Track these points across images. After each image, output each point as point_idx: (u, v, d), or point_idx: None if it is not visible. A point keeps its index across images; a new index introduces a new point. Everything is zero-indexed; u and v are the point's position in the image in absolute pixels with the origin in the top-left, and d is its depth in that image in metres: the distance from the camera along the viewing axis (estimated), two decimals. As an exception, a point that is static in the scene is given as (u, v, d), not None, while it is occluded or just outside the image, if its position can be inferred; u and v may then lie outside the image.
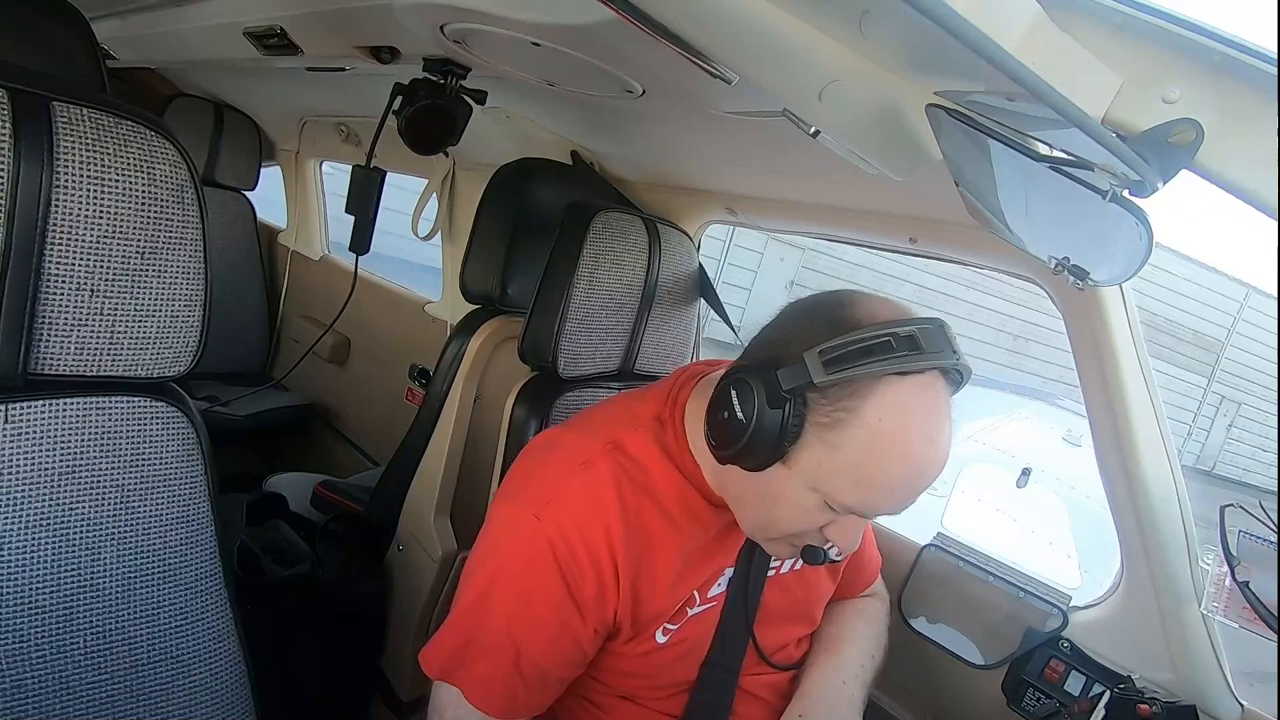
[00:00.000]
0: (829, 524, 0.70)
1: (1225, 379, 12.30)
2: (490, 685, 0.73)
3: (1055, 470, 3.07)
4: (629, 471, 0.77)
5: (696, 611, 0.81)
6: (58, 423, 0.65)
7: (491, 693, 0.73)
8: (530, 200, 1.32)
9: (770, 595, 0.85)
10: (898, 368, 0.63)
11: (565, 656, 0.75)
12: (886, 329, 0.64)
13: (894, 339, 0.63)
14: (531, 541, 0.72)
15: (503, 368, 1.30)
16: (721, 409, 0.70)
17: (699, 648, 0.82)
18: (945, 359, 0.64)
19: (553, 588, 0.72)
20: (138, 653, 0.70)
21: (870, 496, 0.67)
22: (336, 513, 1.48)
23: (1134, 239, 0.53)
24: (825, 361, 0.64)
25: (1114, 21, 0.52)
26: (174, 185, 0.65)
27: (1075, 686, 1.01)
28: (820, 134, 0.69)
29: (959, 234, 1.03)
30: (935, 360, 0.64)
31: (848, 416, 0.64)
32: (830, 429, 0.65)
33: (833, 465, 0.66)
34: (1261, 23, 0.51)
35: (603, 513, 0.73)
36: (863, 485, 0.66)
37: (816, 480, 0.67)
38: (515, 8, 0.78)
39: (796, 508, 0.69)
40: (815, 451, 0.66)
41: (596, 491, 0.74)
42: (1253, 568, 0.81)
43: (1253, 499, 0.83)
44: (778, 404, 0.66)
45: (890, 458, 0.65)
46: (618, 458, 0.77)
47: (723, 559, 0.82)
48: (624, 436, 0.78)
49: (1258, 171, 0.49)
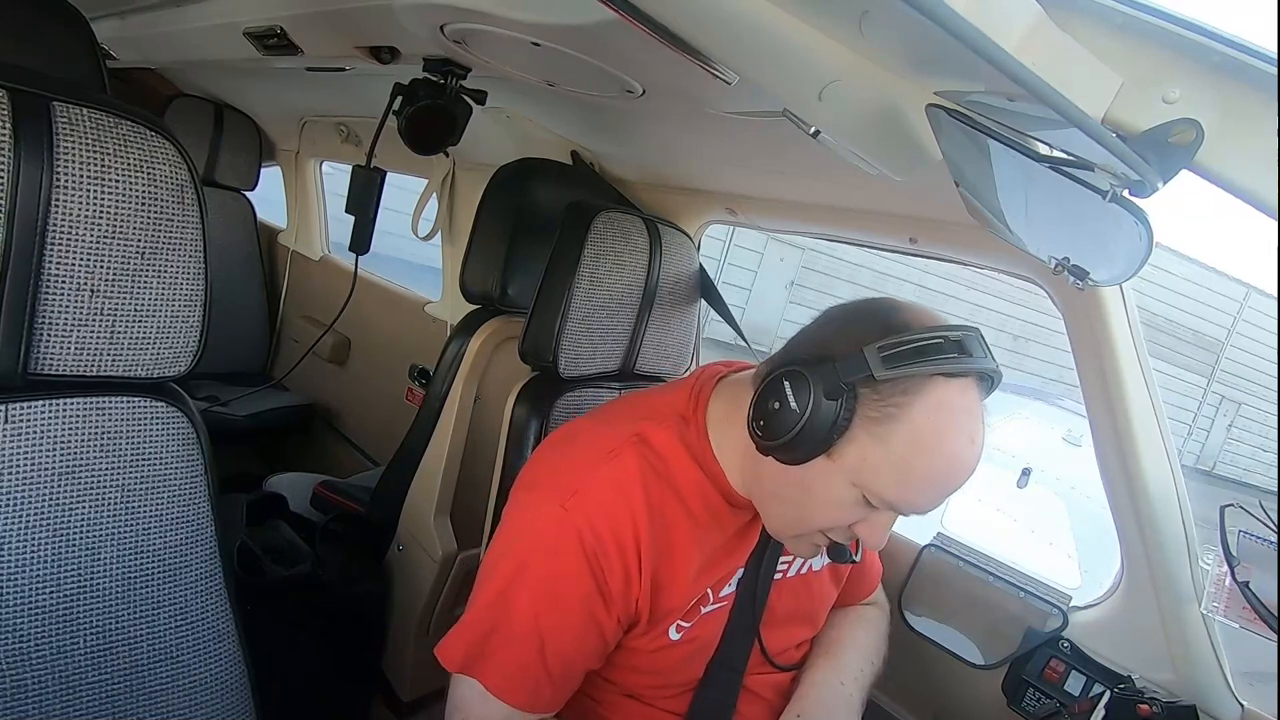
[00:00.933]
0: (859, 521, 0.72)
1: (1225, 379, 12.30)
2: (514, 676, 0.73)
3: (1055, 470, 3.08)
4: (653, 464, 0.77)
5: (709, 610, 0.81)
6: (58, 423, 0.65)
7: (515, 683, 0.73)
8: (530, 200, 1.32)
9: (776, 598, 0.86)
10: (948, 369, 0.66)
11: (590, 648, 0.75)
12: (938, 333, 0.67)
13: (945, 341, 0.67)
14: (559, 532, 0.73)
15: (503, 368, 1.30)
16: (772, 399, 0.71)
17: (707, 647, 0.82)
18: (987, 364, 0.68)
19: (581, 579, 0.73)
20: (138, 653, 0.70)
21: (910, 492, 0.69)
22: (336, 513, 1.48)
23: (1134, 239, 0.53)
24: (884, 357, 0.66)
25: (1114, 21, 0.52)
26: (174, 185, 0.65)
27: (1075, 686, 1.01)
28: (820, 134, 0.69)
29: (959, 234, 1.03)
30: (979, 364, 0.67)
31: (898, 412, 0.66)
32: (879, 423, 0.67)
33: (878, 459, 0.68)
34: (1261, 23, 0.51)
35: (629, 502, 0.74)
36: (906, 481, 0.68)
37: (860, 474, 0.69)
38: (515, 8, 0.78)
39: (834, 503, 0.71)
40: (862, 446, 0.68)
41: (622, 481, 0.75)
42: (1253, 568, 0.81)
43: (1253, 499, 0.83)
44: (834, 395, 0.68)
45: (935, 455, 0.67)
46: (642, 449, 0.78)
47: (736, 560, 0.82)
48: (648, 430, 0.79)
49: (1258, 171, 0.49)
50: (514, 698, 0.73)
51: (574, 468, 0.77)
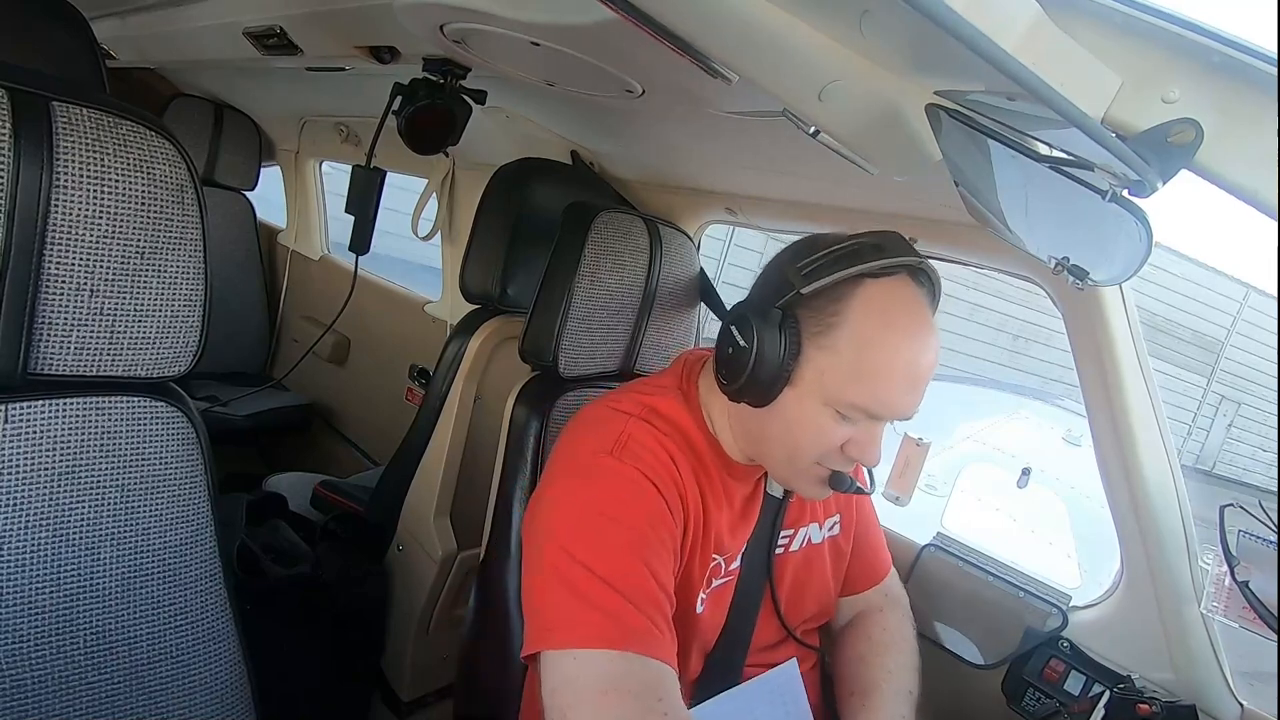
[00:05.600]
0: (848, 441, 0.74)
1: (1225, 379, 12.29)
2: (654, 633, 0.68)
3: (1055, 470, 3.08)
4: (668, 433, 0.80)
5: (719, 583, 0.83)
6: (58, 423, 0.65)
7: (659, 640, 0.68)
8: (530, 200, 1.32)
9: (780, 572, 0.88)
10: (870, 269, 0.71)
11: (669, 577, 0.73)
12: (853, 240, 0.73)
13: (862, 247, 0.72)
14: (621, 476, 0.74)
15: (503, 368, 1.30)
16: (726, 346, 0.76)
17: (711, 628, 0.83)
18: (909, 259, 0.73)
19: (655, 506, 0.74)
20: (138, 653, 0.70)
21: (874, 390, 0.72)
22: (336, 513, 1.47)
23: (1134, 239, 0.53)
24: (805, 274, 0.72)
25: (1114, 21, 0.52)
26: (174, 185, 0.65)
27: (1075, 686, 1.01)
28: (820, 134, 0.69)
29: (959, 234, 1.03)
30: (900, 259, 0.72)
31: (836, 320, 0.72)
32: (824, 335, 0.72)
33: (833, 369, 0.72)
34: (1261, 23, 0.51)
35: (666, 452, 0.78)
36: (862, 377, 0.71)
37: (824, 389, 0.73)
38: (515, 8, 0.78)
39: (813, 426, 0.74)
40: (816, 363, 0.73)
41: (654, 441, 0.78)
42: (1253, 568, 0.82)
43: (1253, 499, 0.83)
44: (773, 322, 0.73)
45: (882, 348, 0.72)
46: (655, 419, 0.81)
47: (742, 534, 0.85)
48: (656, 403, 0.83)
49: (1257, 171, 0.49)
50: (665, 650, 0.68)
51: (606, 432, 0.78)
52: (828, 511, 0.94)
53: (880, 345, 0.71)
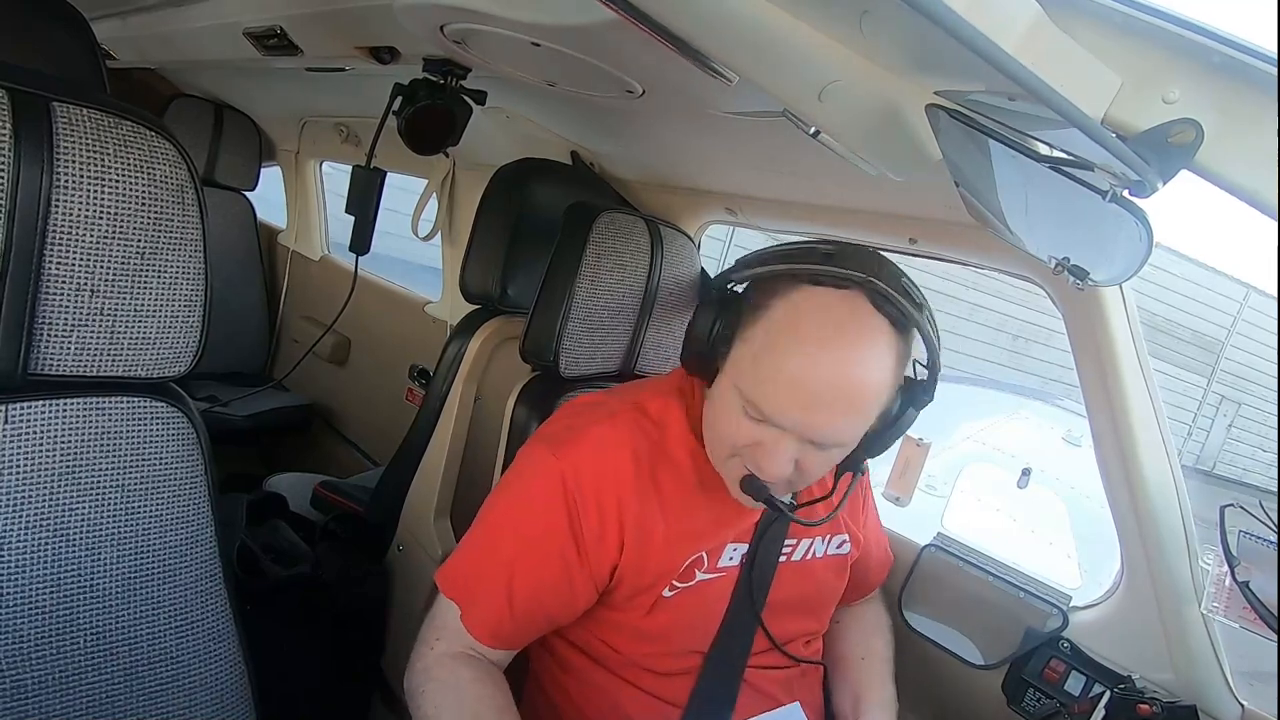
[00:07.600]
0: (755, 444, 0.73)
1: (1225, 379, 12.29)
2: (484, 612, 0.79)
3: (1055, 470, 3.07)
4: (647, 430, 0.82)
5: (707, 577, 0.82)
6: (58, 423, 0.65)
7: (482, 619, 0.79)
8: (530, 201, 1.32)
9: (778, 581, 0.87)
10: (809, 272, 0.70)
11: (558, 595, 0.79)
12: (813, 243, 0.73)
13: (815, 250, 0.72)
14: (545, 475, 0.79)
15: (503, 368, 1.30)
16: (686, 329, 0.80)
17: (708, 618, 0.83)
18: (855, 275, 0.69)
19: (557, 519, 0.77)
20: (138, 653, 0.70)
21: (760, 388, 0.71)
22: (336, 513, 1.47)
23: (1134, 239, 0.53)
24: (746, 263, 0.75)
25: (1114, 21, 0.52)
26: (174, 185, 0.65)
27: (1075, 686, 1.01)
28: (820, 134, 0.69)
29: (959, 234, 1.03)
30: (845, 272, 0.69)
31: (761, 313, 0.73)
32: (749, 326, 0.74)
33: (743, 357, 0.74)
34: (1261, 23, 0.51)
35: (617, 459, 0.79)
36: (760, 375, 0.71)
37: (736, 377, 0.74)
38: (515, 8, 0.78)
39: (725, 415, 0.75)
40: (737, 350, 0.75)
41: (614, 440, 0.80)
42: (1253, 568, 0.81)
43: (1253, 499, 0.83)
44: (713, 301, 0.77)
45: (784, 352, 0.70)
46: (637, 417, 0.83)
47: (732, 532, 0.84)
48: (647, 400, 0.85)
49: (1258, 171, 0.49)
50: (479, 631, 0.78)
51: (574, 425, 0.83)
52: (834, 530, 0.93)
53: (774, 349, 0.70)
